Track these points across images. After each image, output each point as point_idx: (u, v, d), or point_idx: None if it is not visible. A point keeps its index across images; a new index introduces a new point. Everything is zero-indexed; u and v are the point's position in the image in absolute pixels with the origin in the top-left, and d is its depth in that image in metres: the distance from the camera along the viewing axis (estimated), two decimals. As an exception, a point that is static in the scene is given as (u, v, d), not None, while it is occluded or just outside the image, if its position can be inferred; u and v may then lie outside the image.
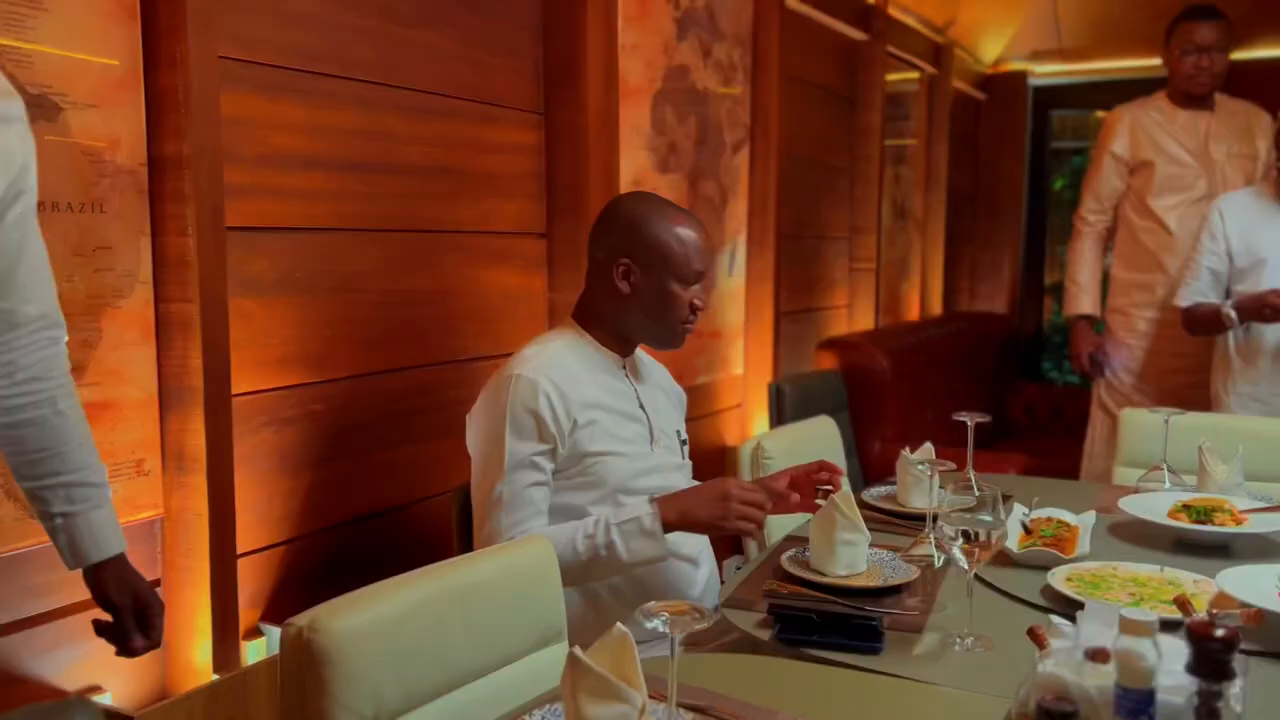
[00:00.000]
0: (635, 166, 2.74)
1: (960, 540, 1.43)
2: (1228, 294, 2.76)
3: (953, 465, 1.86)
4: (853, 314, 4.15)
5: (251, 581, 1.77)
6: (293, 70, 1.82)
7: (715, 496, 1.67)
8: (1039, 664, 1.18)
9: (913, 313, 4.71)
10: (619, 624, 1.14)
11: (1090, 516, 1.92)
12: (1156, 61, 5.24)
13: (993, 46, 5.45)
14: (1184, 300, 2.81)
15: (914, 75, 4.69)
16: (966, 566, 1.45)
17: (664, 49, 2.85)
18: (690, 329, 1.83)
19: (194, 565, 1.62)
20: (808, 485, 1.84)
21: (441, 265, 2.19)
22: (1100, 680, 1.13)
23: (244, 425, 1.73)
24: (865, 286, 4.16)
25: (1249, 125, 3.34)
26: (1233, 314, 2.63)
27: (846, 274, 4.13)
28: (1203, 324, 2.79)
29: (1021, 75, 5.56)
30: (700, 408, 3.08)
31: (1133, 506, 2.00)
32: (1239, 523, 1.90)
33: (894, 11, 4.18)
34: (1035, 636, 1.20)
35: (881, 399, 3.46)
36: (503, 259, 2.36)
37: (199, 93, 1.55)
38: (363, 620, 1.18)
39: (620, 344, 1.85)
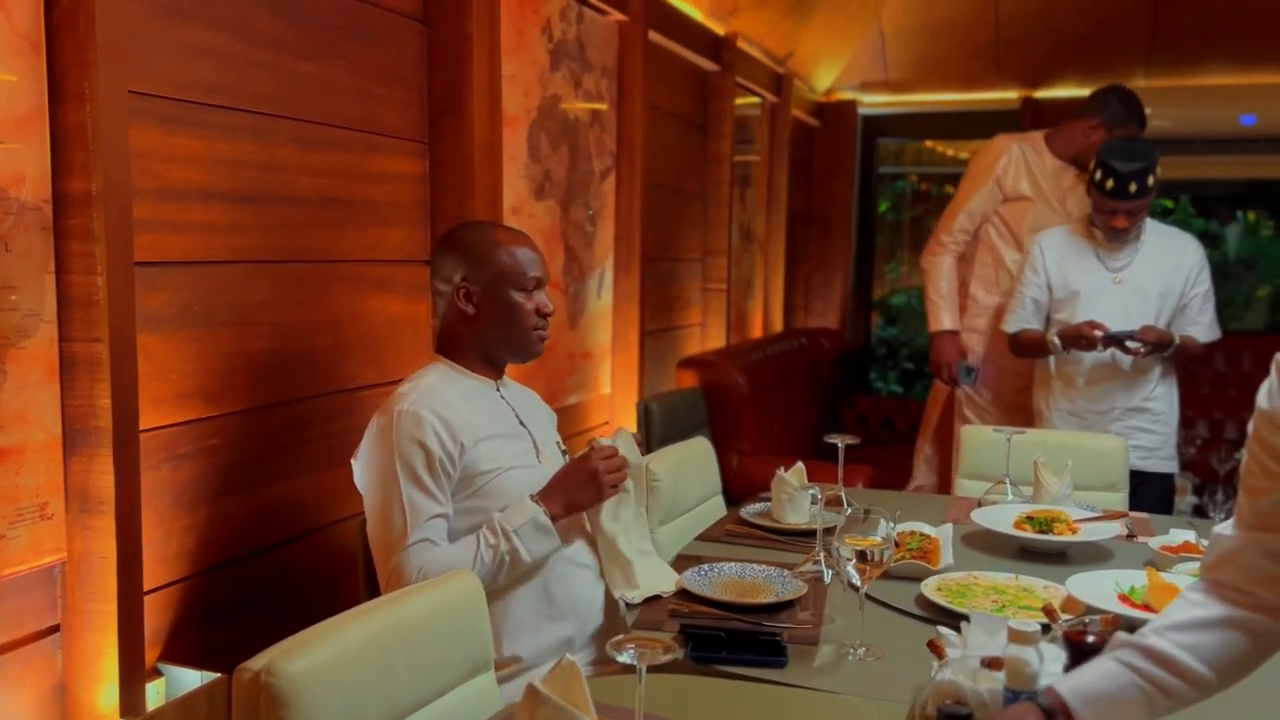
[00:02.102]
0: (513, 194, 2.80)
1: (854, 560, 1.58)
2: (1048, 321, 3.06)
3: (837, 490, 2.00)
4: (705, 332, 4.33)
5: (150, 621, 1.74)
6: (190, 103, 1.80)
7: (586, 477, 1.81)
8: (936, 672, 1.34)
9: (757, 330, 4.95)
10: (566, 655, 1.22)
11: (948, 529, 2.12)
12: (972, 95, 5.73)
13: (826, 76, 5.77)
14: (1011, 326, 3.11)
15: (757, 102, 4.92)
16: (860, 584, 1.60)
17: (539, 80, 2.93)
18: (544, 334, 1.91)
19: (98, 608, 1.58)
20: None
21: (331, 295, 2.19)
22: (991, 684, 1.29)
23: (144, 463, 1.70)
24: (717, 305, 4.34)
25: (1078, 182, 3.51)
26: (1057, 341, 2.92)
27: (700, 294, 4.31)
28: (1028, 348, 3.09)
29: (852, 104, 5.91)
30: (569, 427, 3.17)
31: (982, 518, 2.22)
32: (1074, 531, 2.14)
33: (741, 44, 4.39)
34: (935, 648, 1.35)
35: (739, 414, 3.64)
36: (388, 287, 2.38)
37: (108, 128, 1.52)
38: (315, 662, 1.22)
39: (488, 367, 1.92)
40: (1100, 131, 3.34)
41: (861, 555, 1.56)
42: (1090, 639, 1.22)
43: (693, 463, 2.48)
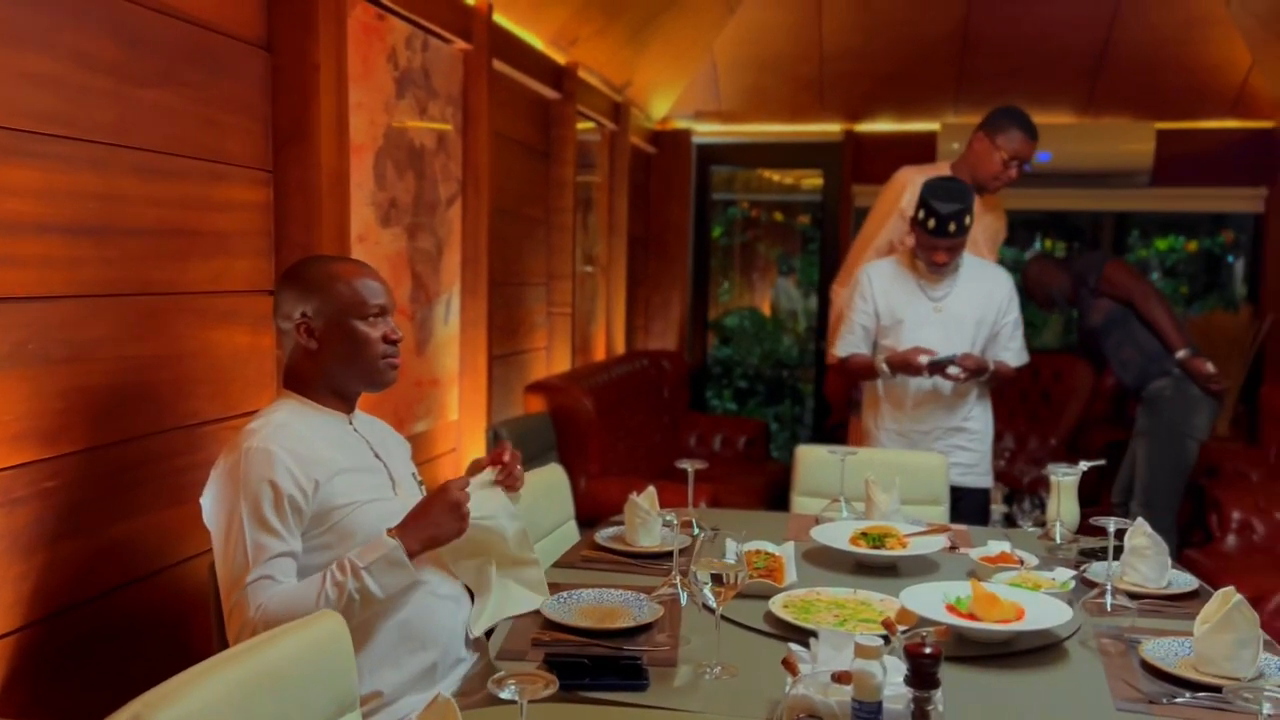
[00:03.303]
0: (360, 222, 2.78)
1: (711, 583, 1.66)
2: (874, 347, 3.26)
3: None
4: (551, 355, 4.38)
5: (-19, 677, 1.65)
6: (26, 133, 1.73)
7: (447, 509, 1.76)
8: (791, 688, 1.43)
9: (600, 352, 5.03)
10: (440, 692, 1.25)
11: (790, 547, 2.24)
12: (799, 127, 6.01)
13: (661, 105, 5.94)
14: (841, 351, 3.29)
15: (596, 129, 5.02)
16: (716, 606, 1.69)
17: (385, 107, 2.92)
18: (394, 361, 1.90)
19: (-73, 668, 1.50)
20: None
21: (174, 328, 2.13)
22: (840, 696, 1.40)
23: (-25, 510, 1.61)
24: (562, 329, 4.40)
25: (996, 214, 3.74)
26: (885, 367, 3.12)
27: (545, 317, 4.36)
28: (857, 372, 3.28)
29: (686, 133, 6.10)
30: (418, 455, 3.13)
31: (821, 536, 2.36)
32: (904, 546, 2.30)
33: (582, 73, 4.47)
34: (788, 665, 1.45)
35: (586, 438, 3.70)
36: (233, 318, 2.32)
37: (-59, 162, 1.45)
38: (184, 710, 1.20)
39: (339, 400, 1.91)
40: (983, 142, 3.47)
41: (717, 578, 1.64)
42: (928, 650, 1.33)
43: (548, 490, 2.52)
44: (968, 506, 3.12)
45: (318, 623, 1.48)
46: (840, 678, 1.36)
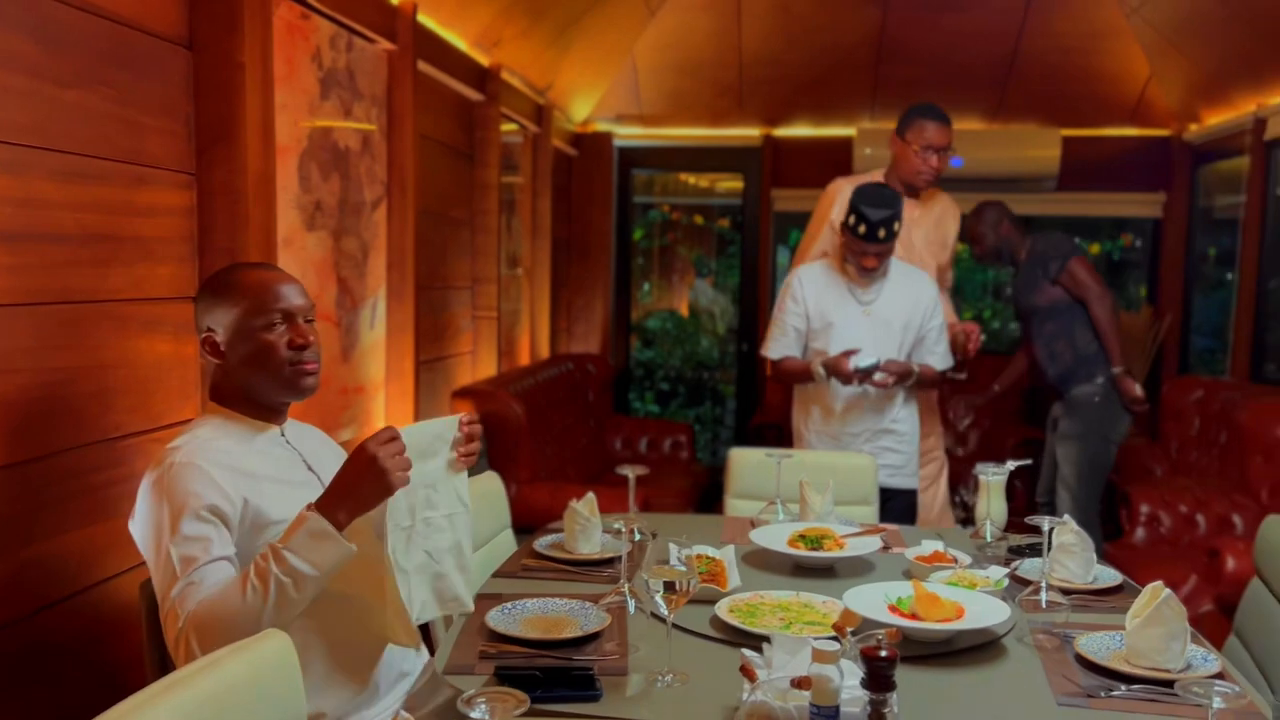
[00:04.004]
0: (285, 225, 2.71)
1: (663, 590, 1.66)
2: (805, 349, 3.30)
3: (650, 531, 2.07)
4: (476, 360, 4.33)
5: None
6: (-62, 132, 1.64)
7: (366, 466, 1.62)
8: (748, 694, 1.44)
9: (525, 356, 4.99)
10: (402, 710, 1.22)
11: (730, 550, 2.26)
12: (719, 131, 6.06)
13: (583, 108, 5.93)
14: (774, 353, 3.33)
15: (519, 131, 4.98)
16: (667, 613, 1.69)
17: (309, 109, 2.85)
18: (307, 369, 1.80)
19: None
20: None
21: (95, 337, 2.04)
22: (798, 701, 1.41)
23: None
24: (488, 333, 4.36)
25: (942, 214, 3.62)
26: (821, 371, 3.16)
27: (470, 321, 4.31)
28: (791, 375, 3.32)
29: (608, 136, 6.10)
30: (345, 464, 3.08)
31: (760, 538, 2.37)
32: (841, 547, 2.33)
33: (505, 74, 4.44)
34: (746, 672, 1.45)
35: (517, 443, 3.67)
36: (156, 327, 2.24)
37: None
38: (132, 741, 1.15)
39: (265, 412, 1.84)
40: (897, 144, 3.48)
41: (670, 586, 1.64)
42: (883, 653, 1.35)
43: (484, 498, 2.49)
44: (895, 507, 3.19)
45: (262, 644, 1.43)
46: (800, 683, 1.37)
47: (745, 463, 3.01)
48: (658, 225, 7.15)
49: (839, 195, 3.54)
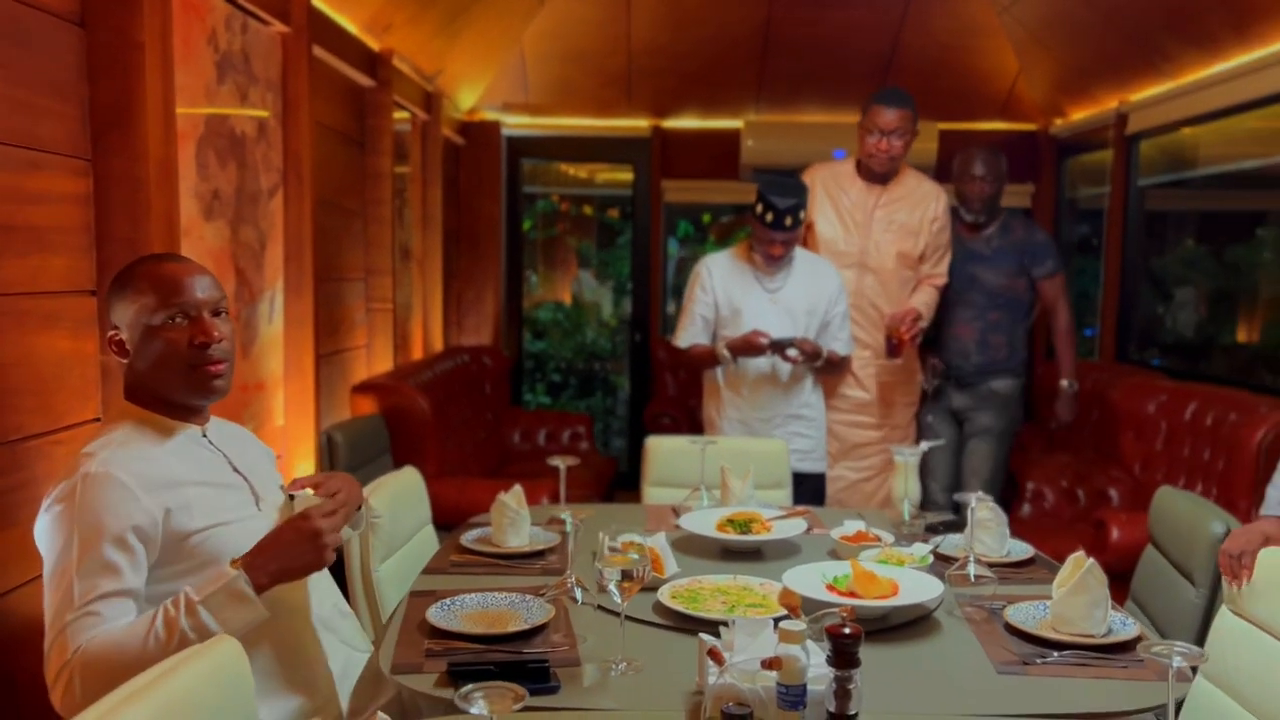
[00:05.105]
0: (183, 214, 2.57)
1: (619, 578, 1.65)
2: (714, 337, 3.34)
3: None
4: (372, 354, 4.22)
5: None
6: None
7: (304, 539, 1.60)
8: (715, 677, 1.45)
9: (419, 350, 4.89)
10: (380, 713, 1.19)
11: (661, 537, 2.26)
12: (608, 122, 6.06)
13: (469, 96, 5.83)
14: (682, 342, 3.36)
15: (409, 118, 4.87)
16: (621, 601, 1.68)
17: (205, 93, 2.72)
18: (213, 369, 1.70)
19: None
20: None
21: (-11, 333, 1.91)
22: (766, 683, 1.43)
23: None
24: (383, 326, 4.25)
25: (919, 201, 3.56)
26: (726, 353, 3.20)
27: (365, 314, 4.19)
28: (699, 361, 3.35)
29: (495, 125, 6.02)
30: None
31: (689, 523, 2.39)
32: (768, 529, 2.37)
33: (396, 60, 4.33)
34: (714, 656, 1.46)
35: (423, 438, 3.59)
36: (54, 322, 2.10)
37: None
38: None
39: (186, 412, 1.75)
40: (857, 132, 3.52)
41: (627, 574, 1.64)
42: (847, 630, 1.39)
43: (407, 493, 2.43)
44: (806, 489, 3.26)
45: (216, 650, 1.37)
46: (771, 663, 1.39)
47: (663, 451, 3.04)
48: (548, 216, 7.12)
49: (816, 182, 3.54)
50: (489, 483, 3.84)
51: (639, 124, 6.09)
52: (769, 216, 3.07)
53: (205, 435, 1.78)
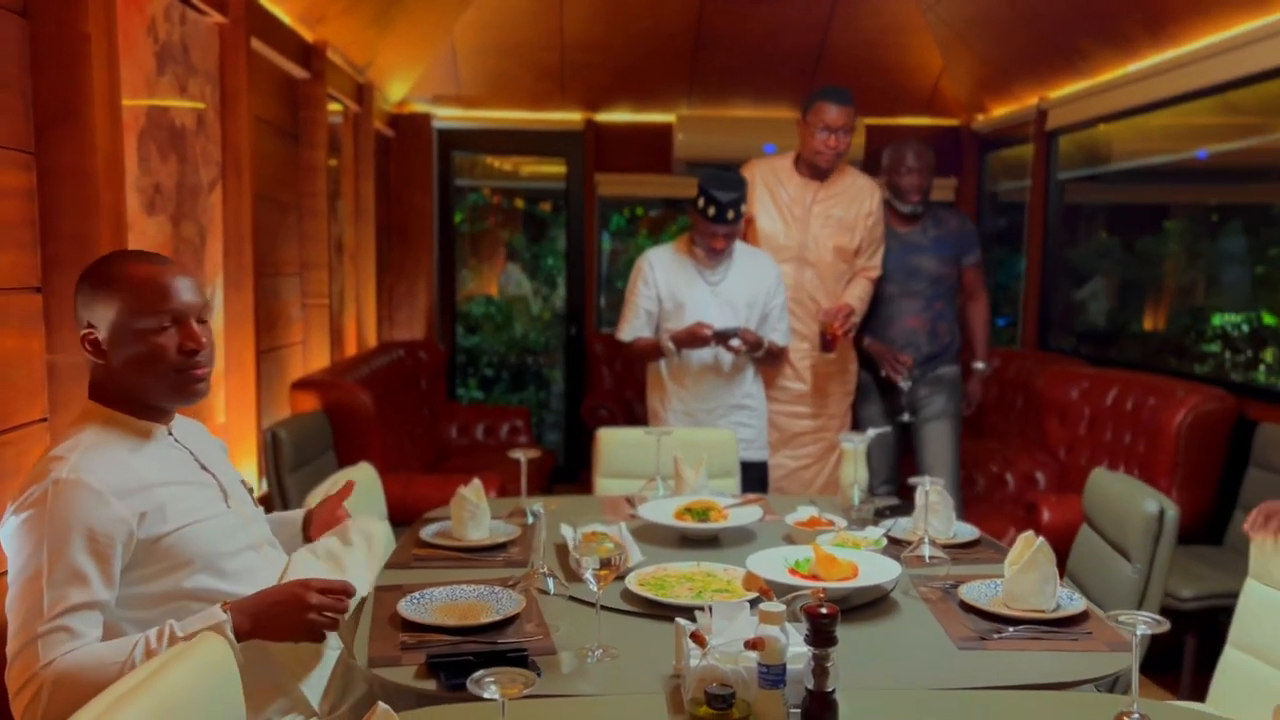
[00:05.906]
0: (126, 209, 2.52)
1: (597, 567, 1.69)
2: (657, 330, 3.39)
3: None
4: (308, 350, 4.17)
5: None
6: None
7: (293, 609, 1.60)
8: (696, 660, 1.49)
9: (353, 345, 4.84)
10: (381, 703, 1.20)
11: (622, 526, 2.30)
12: (541, 115, 6.05)
13: (399, 88, 5.77)
14: (626, 335, 3.39)
15: (340, 110, 4.80)
16: (597, 589, 1.72)
17: (146, 84, 2.66)
18: (198, 373, 1.71)
19: None
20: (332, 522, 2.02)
21: (-64, 333, 1.85)
22: (746, 663, 1.48)
23: None
24: (319, 321, 4.19)
25: (855, 196, 3.59)
26: (671, 345, 3.25)
27: (300, 310, 4.13)
28: (643, 354, 3.39)
29: (426, 117, 5.97)
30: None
31: (648, 513, 2.44)
32: (724, 517, 2.43)
33: (329, 53, 4.27)
34: (697, 639, 1.51)
35: (366, 434, 3.56)
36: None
37: None
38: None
39: (153, 412, 1.74)
40: (800, 126, 3.55)
41: (605, 562, 1.67)
42: (824, 610, 1.44)
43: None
44: (751, 478, 3.33)
45: (203, 647, 1.37)
46: (753, 644, 1.44)
47: (615, 442, 3.07)
48: (479, 209, 7.08)
49: (756, 176, 3.58)
50: (434, 478, 3.84)
51: (572, 117, 6.10)
52: (711, 210, 3.12)
53: (171, 435, 1.77)
